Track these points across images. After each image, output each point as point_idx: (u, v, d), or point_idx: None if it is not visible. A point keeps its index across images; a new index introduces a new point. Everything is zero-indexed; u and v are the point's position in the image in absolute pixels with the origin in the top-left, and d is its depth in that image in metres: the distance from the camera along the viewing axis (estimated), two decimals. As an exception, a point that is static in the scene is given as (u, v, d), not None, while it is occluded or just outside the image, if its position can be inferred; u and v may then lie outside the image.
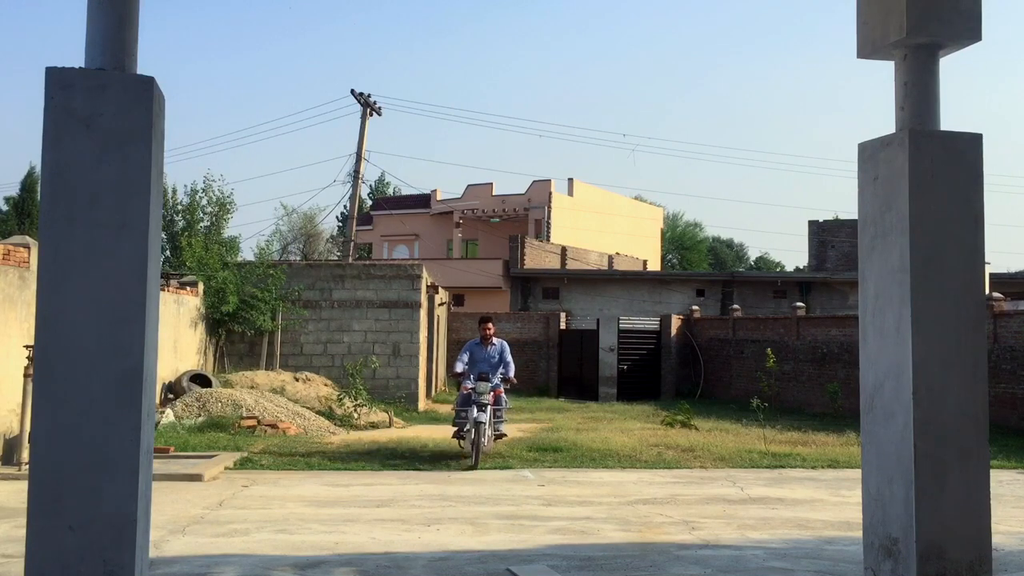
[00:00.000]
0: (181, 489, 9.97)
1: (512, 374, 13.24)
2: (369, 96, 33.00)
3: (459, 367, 13.02)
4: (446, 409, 22.00)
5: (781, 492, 10.54)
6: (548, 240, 41.07)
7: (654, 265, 48.74)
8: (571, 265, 38.56)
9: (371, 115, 33.14)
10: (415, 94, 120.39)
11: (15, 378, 11.35)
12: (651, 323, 29.17)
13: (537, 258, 37.24)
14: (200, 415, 15.69)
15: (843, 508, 9.42)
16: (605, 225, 45.65)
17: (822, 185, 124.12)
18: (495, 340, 13.32)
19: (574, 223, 43.89)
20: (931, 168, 5.22)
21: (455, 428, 12.99)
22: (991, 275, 31.13)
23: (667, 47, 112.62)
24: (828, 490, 10.68)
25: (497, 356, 13.20)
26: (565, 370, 29.07)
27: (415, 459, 12.84)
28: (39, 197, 4.95)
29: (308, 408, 17.37)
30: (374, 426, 17.19)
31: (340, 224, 55.54)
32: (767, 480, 11.45)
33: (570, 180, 46.11)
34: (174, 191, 34.60)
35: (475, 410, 12.31)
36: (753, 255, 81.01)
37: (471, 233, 46.67)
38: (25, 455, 10.89)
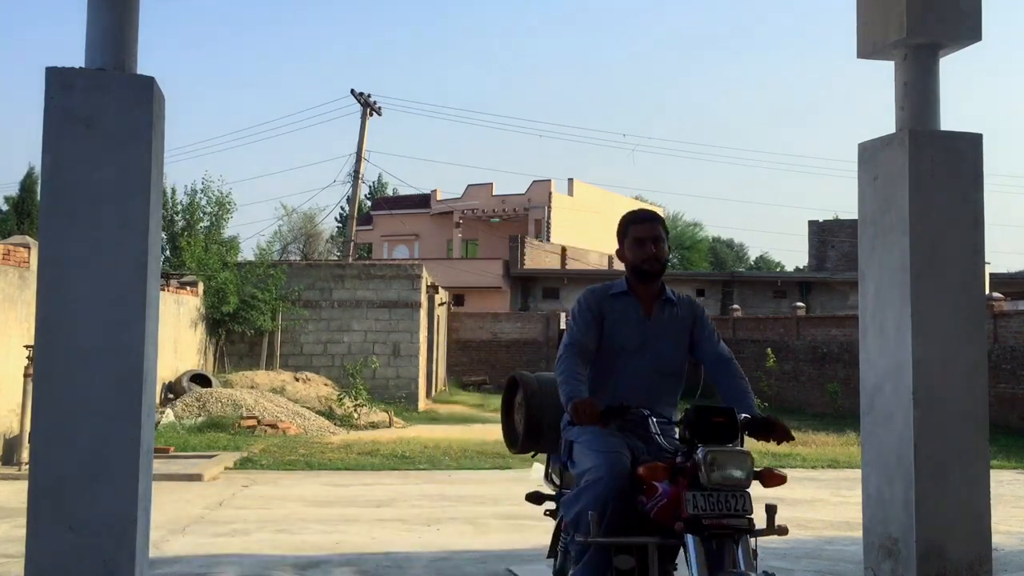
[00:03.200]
0: (181, 489, 9.97)
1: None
2: (369, 96, 32.98)
3: (576, 377, 3.77)
4: (446, 409, 21.99)
5: (781, 492, 10.53)
6: (548, 240, 41.07)
7: (654, 265, 48.63)
8: (571, 265, 38.55)
9: (371, 115, 33.12)
10: (415, 94, 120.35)
11: (15, 378, 11.34)
12: (651, 323, 29.14)
13: (537, 258, 37.23)
14: (200, 415, 15.69)
15: (843, 508, 9.41)
16: (605, 225, 45.56)
17: (822, 185, 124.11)
18: (672, 292, 4.16)
19: (574, 223, 43.87)
20: (931, 168, 5.22)
21: None
22: (991, 275, 31.12)
23: (667, 47, 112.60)
24: (828, 490, 10.67)
25: (683, 337, 4.15)
26: (565, 370, 29.05)
27: (415, 459, 12.83)
28: (39, 197, 4.94)
29: (308, 408, 17.38)
30: (374, 426, 17.19)
31: (340, 224, 55.50)
32: (767, 480, 11.44)
33: (570, 180, 46.13)
34: (174, 191, 34.61)
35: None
36: (753, 255, 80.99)
37: (471, 233, 46.65)
38: (25, 455, 10.89)
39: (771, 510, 3.52)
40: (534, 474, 11.41)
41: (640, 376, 3.97)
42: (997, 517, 5.84)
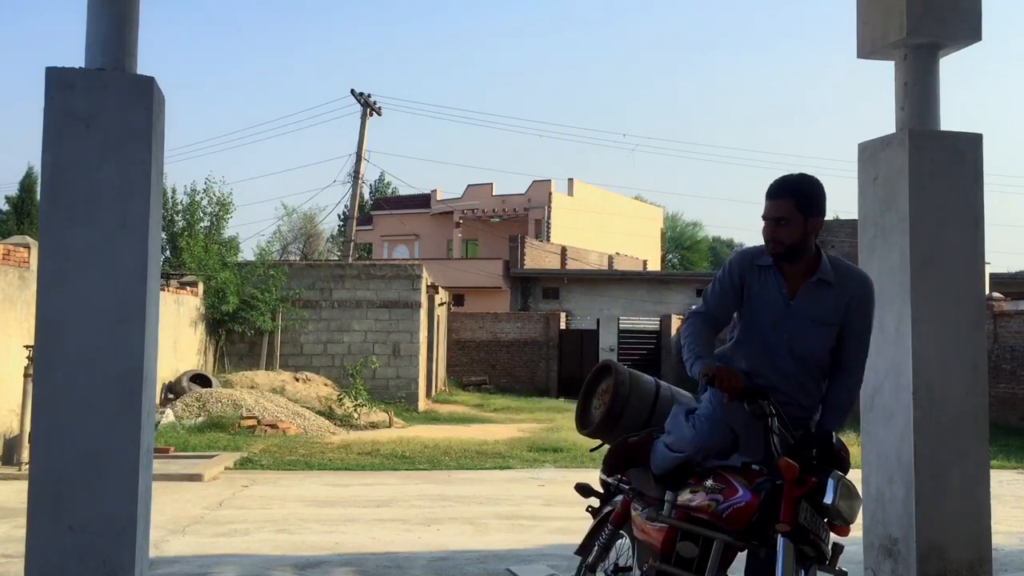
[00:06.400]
0: (181, 489, 9.97)
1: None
2: (369, 96, 32.96)
3: (704, 340, 3.75)
4: (447, 409, 22.00)
5: (781, 492, 10.53)
6: (548, 240, 41.05)
7: (654, 265, 48.72)
8: (571, 265, 38.53)
9: (371, 115, 33.10)
10: (415, 94, 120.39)
11: (15, 378, 11.34)
12: (651, 323, 29.18)
13: (537, 258, 37.21)
14: (200, 415, 15.69)
15: (843, 508, 9.41)
16: (605, 225, 45.61)
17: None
18: (831, 271, 3.63)
19: (574, 223, 43.86)
20: (931, 168, 5.22)
21: None
22: (991, 275, 31.10)
23: (667, 47, 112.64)
24: (828, 490, 10.67)
25: (831, 328, 3.65)
26: (565, 370, 29.08)
27: (415, 459, 12.83)
28: (39, 197, 4.94)
29: (308, 408, 17.37)
30: (374, 426, 17.19)
31: (340, 224, 55.51)
32: (767, 480, 11.44)
33: (570, 180, 46.12)
34: (174, 191, 34.64)
35: None
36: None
37: (471, 233, 46.64)
38: (25, 455, 10.89)
39: (838, 550, 3.55)
40: (535, 476, 11.43)
41: (777, 356, 3.61)
42: (997, 517, 5.83)
